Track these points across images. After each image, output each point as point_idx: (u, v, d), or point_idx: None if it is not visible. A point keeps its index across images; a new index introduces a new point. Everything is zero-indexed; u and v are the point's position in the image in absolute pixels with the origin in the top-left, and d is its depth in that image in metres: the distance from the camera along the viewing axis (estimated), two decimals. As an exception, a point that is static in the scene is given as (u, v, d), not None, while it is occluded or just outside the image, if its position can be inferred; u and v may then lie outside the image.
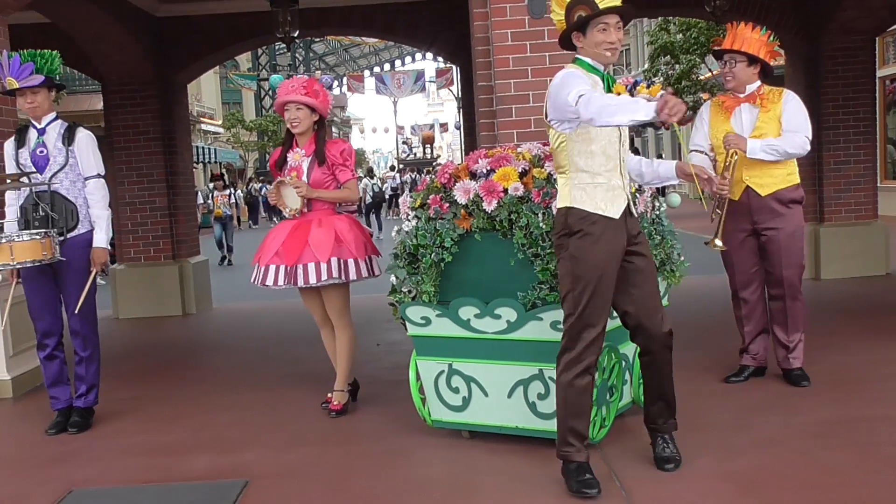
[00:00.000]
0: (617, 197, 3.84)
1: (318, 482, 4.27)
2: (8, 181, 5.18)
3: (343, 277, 5.23)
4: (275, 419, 5.42)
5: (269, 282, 5.26)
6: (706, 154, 5.30)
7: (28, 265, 5.03)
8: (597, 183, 3.81)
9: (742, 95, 5.30)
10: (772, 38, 5.33)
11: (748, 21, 5.32)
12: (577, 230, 3.79)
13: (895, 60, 18.16)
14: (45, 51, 5.18)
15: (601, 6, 3.74)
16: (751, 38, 5.21)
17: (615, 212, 3.83)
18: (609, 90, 3.85)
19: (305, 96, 5.25)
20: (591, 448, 3.96)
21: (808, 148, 5.17)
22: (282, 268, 5.23)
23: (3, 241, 4.95)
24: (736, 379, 5.53)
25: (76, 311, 5.26)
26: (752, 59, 5.22)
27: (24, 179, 5.17)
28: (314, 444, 4.85)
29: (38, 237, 5.03)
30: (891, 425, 4.55)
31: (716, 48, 5.36)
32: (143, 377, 6.93)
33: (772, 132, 5.15)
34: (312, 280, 5.18)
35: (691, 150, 5.36)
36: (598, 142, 3.81)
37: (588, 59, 3.86)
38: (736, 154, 5.08)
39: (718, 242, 5.05)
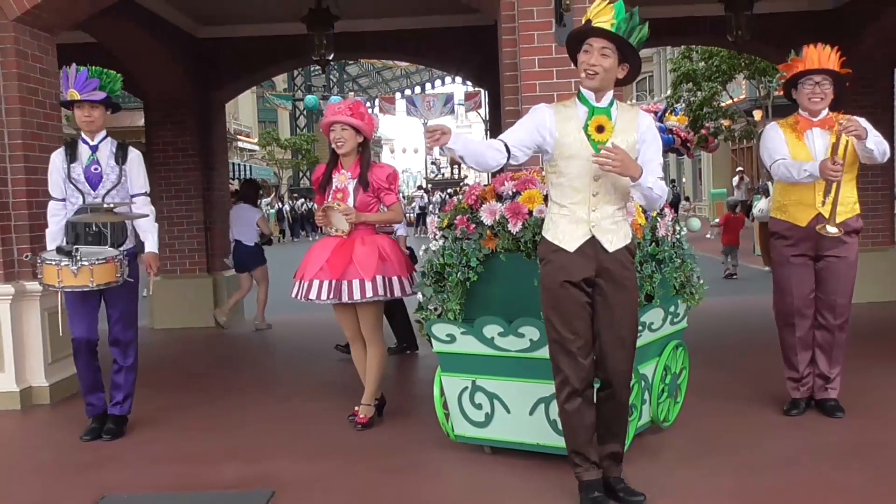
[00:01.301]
0: (578, 230, 3.84)
1: (342, 493, 4.37)
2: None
3: (387, 294, 5.36)
4: (302, 430, 5.54)
5: (313, 296, 5.35)
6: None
7: (103, 287, 5.20)
8: (562, 214, 3.89)
9: (816, 119, 5.12)
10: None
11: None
12: (543, 258, 3.91)
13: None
14: (111, 71, 5.39)
15: (594, 23, 3.77)
16: (834, 58, 5.06)
17: (570, 245, 3.84)
18: (592, 117, 3.82)
19: (350, 117, 5.39)
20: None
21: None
22: (325, 283, 5.33)
23: (86, 263, 5.09)
24: (797, 412, 5.27)
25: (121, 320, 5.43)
26: (834, 81, 5.06)
27: (125, 209, 5.30)
28: (340, 456, 4.95)
29: (114, 261, 5.18)
30: (908, 451, 4.58)
31: (807, 69, 5.06)
32: (176, 387, 7.09)
33: (850, 154, 4.97)
34: (357, 296, 5.28)
35: (777, 160, 5.06)
36: (566, 175, 3.86)
37: (581, 86, 3.90)
38: (847, 139, 4.85)
39: (832, 229, 4.82)
